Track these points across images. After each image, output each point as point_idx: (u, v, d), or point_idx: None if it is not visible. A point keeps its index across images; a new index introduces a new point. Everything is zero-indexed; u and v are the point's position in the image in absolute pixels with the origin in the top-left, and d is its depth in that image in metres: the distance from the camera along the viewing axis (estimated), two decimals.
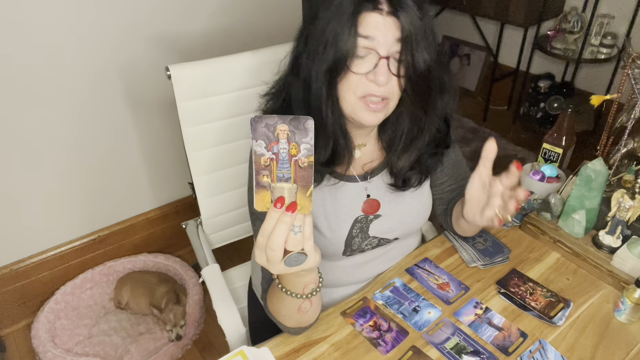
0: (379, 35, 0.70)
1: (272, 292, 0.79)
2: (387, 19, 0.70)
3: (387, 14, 0.69)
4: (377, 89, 0.74)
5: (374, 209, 0.92)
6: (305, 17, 0.76)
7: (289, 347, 0.83)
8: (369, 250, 0.95)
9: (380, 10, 0.69)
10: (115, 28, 1.52)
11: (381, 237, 0.94)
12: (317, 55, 0.73)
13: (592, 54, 2.49)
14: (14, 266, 1.67)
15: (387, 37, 0.71)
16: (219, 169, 1.19)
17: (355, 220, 0.90)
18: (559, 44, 2.57)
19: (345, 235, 0.90)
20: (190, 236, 1.26)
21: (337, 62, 0.72)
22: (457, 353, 0.81)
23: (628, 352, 0.82)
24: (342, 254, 0.93)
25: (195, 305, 1.70)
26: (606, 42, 2.44)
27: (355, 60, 0.73)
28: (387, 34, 0.71)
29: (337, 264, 0.96)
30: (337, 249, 0.91)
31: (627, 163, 1.10)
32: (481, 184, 0.76)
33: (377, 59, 0.72)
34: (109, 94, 1.61)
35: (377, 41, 0.71)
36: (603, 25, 2.43)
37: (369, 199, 0.91)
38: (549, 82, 2.74)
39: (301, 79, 0.77)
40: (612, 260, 0.95)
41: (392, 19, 0.70)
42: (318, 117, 0.77)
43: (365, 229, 0.92)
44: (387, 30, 0.70)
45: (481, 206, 0.76)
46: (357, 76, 0.73)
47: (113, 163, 1.73)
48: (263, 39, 1.84)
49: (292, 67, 0.81)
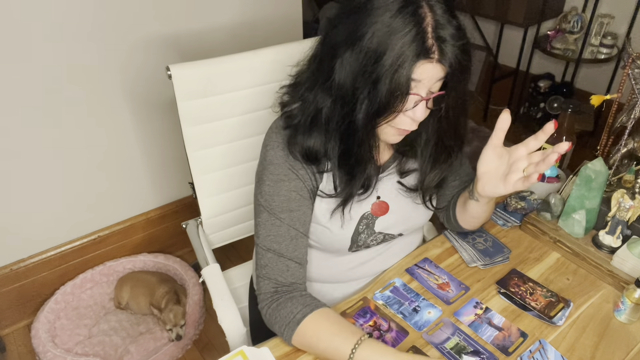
0: (425, 79, 0.72)
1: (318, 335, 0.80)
2: (436, 65, 0.72)
3: (437, 62, 0.71)
4: (412, 124, 0.78)
5: (382, 210, 0.92)
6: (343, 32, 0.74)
7: (289, 347, 0.83)
8: (374, 246, 0.96)
9: (432, 60, 0.70)
10: (115, 28, 1.52)
11: (386, 232, 0.95)
12: (364, 90, 0.73)
13: (592, 54, 2.49)
14: (14, 266, 1.67)
15: (432, 82, 0.73)
16: (219, 168, 1.19)
17: (362, 216, 0.91)
18: (559, 44, 2.57)
19: (352, 232, 0.91)
20: (190, 236, 1.26)
21: (387, 104, 0.73)
22: (457, 353, 0.81)
23: (628, 352, 0.82)
24: (348, 250, 0.93)
25: (195, 305, 1.71)
26: (606, 42, 2.44)
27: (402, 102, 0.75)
28: (432, 78, 0.73)
29: (341, 260, 0.96)
30: (343, 244, 0.92)
31: (627, 163, 1.10)
32: (496, 154, 0.80)
33: (417, 99, 0.74)
34: (109, 93, 1.61)
35: (423, 84, 0.73)
36: (603, 25, 2.43)
37: (379, 200, 0.92)
38: (549, 82, 2.74)
39: (339, 103, 0.77)
40: (612, 260, 0.95)
41: (440, 65, 0.72)
42: (356, 146, 0.79)
43: (371, 225, 0.92)
44: (433, 75, 0.72)
45: (501, 174, 0.80)
46: (397, 113, 0.76)
47: (113, 163, 1.73)
48: (263, 38, 1.84)
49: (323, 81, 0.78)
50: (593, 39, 2.48)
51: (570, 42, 2.54)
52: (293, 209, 0.86)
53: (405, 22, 0.68)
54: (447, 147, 0.88)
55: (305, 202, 0.87)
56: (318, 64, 0.80)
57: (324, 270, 0.98)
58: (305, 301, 0.83)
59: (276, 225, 0.86)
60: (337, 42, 0.74)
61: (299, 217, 0.87)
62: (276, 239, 0.86)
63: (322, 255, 0.96)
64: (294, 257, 0.87)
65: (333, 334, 0.78)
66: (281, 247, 0.86)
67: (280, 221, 0.86)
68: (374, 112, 0.74)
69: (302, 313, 0.81)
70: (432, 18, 0.69)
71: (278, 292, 0.86)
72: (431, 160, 0.90)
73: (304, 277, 0.90)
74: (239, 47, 1.78)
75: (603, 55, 2.46)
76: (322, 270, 0.98)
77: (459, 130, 0.87)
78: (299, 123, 0.83)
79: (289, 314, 0.82)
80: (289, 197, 0.86)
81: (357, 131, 0.77)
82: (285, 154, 0.85)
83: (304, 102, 0.83)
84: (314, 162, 0.85)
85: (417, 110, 0.75)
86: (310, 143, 0.82)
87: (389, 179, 0.93)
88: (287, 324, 0.82)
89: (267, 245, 0.87)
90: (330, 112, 0.79)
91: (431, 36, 0.69)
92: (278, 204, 0.86)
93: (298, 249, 0.87)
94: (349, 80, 0.73)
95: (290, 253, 0.86)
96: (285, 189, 0.86)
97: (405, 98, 0.73)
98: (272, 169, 0.86)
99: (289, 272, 0.86)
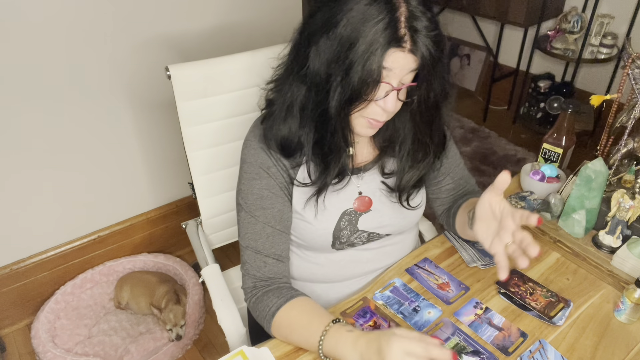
0: (397, 68, 0.72)
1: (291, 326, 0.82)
2: (408, 55, 0.72)
3: (408, 51, 0.72)
4: (382, 114, 0.78)
5: (365, 206, 0.92)
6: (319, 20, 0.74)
7: (289, 346, 0.83)
8: (359, 244, 0.96)
9: (403, 49, 0.71)
10: (116, 28, 1.52)
11: (371, 231, 0.94)
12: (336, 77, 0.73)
13: (592, 54, 2.49)
14: (14, 266, 1.67)
15: (404, 72, 0.74)
16: (219, 169, 1.19)
17: (344, 212, 0.91)
18: (559, 44, 2.56)
19: (333, 227, 0.91)
20: (190, 236, 1.26)
21: (359, 92, 0.73)
22: (457, 353, 0.81)
23: (628, 352, 0.82)
24: (332, 246, 0.93)
25: (195, 305, 1.71)
26: (606, 42, 2.44)
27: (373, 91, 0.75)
28: (404, 68, 0.73)
29: (330, 258, 0.96)
30: (325, 240, 0.92)
31: (627, 163, 1.10)
32: (491, 209, 0.76)
33: (389, 89, 0.74)
34: (109, 94, 1.61)
35: (394, 73, 0.73)
36: (603, 25, 2.43)
37: (361, 196, 0.92)
38: (549, 82, 2.74)
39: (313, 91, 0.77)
40: (612, 260, 0.95)
41: (411, 56, 0.72)
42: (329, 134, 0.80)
43: (354, 222, 0.92)
44: (404, 64, 0.73)
45: (491, 232, 0.76)
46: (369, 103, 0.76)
47: (113, 163, 1.73)
48: (263, 39, 1.84)
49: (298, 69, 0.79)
50: (593, 39, 2.48)
51: (570, 42, 2.54)
52: (266, 207, 0.87)
53: (379, 10, 0.69)
54: (423, 144, 0.88)
55: (279, 200, 0.88)
56: (295, 53, 0.80)
57: (315, 269, 0.98)
58: (280, 293, 0.85)
59: (252, 223, 0.88)
60: (313, 30, 0.75)
61: (273, 215, 0.88)
62: (253, 237, 0.88)
63: (311, 254, 0.96)
64: (271, 254, 0.88)
65: (303, 325, 0.80)
66: (258, 244, 0.88)
67: (256, 219, 0.88)
68: (347, 99, 0.74)
69: (276, 305, 0.83)
70: (406, 8, 0.70)
71: (257, 287, 0.88)
72: (409, 159, 0.90)
73: (285, 272, 0.91)
74: (238, 47, 1.78)
75: (603, 55, 2.46)
76: (314, 270, 0.98)
77: (435, 126, 0.87)
78: (275, 114, 0.84)
79: (265, 307, 0.84)
80: (262, 195, 0.87)
81: (330, 119, 0.77)
82: (256, 152, 0.87)
83: (279, 92, 0.84)
84: (290, 154, 0.86)
85: (388, 101, 0.75)
86: (285, 132, 0.83)
87: (372, 178, 0.93)
88: (264, 317, 0.84)
89: (246, 243, 0.89)
90: (304, 100, 0.80)
91: (404, 25, 0.70)
92: (252, 202, 0.88)
93: (275, 245, 0.89)
94: (323, 67, 0.74)
95: (267, 250, 0.88)
96: (257, 187, 0.87)
97: (376, 86, 0.73)
98: (245, 167, 0.89)
99: (267, 268, 0.88)
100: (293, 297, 0.84)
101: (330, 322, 0.78)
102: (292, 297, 0.84)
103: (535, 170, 1.16)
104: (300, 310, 0.82)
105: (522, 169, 1.20)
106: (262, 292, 0.87)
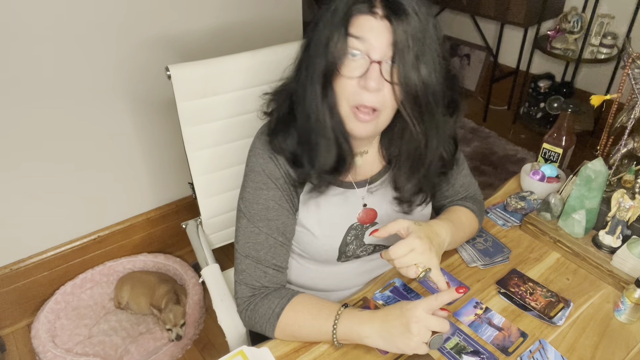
0: (371, 37, 0.68)
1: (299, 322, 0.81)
2: (382, 22, 0.68)
3: (382, 18, 0.68)
4: (369, 97, 0.71)
5: (370, 218, 0.91)
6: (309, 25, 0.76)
7: (289, 347, 0.83)
8: (365, 255, 0.95)
9: (375, 14, 0.68)
10: (115, 28, 1.52)
11: (377, 244, 0.93)
12: (313, 59, 0.73)
13: (592, 54, 2.49)
14: (14, 266, 1.67)
15: (381, 41, 0.69)
16: (219, 169, 1.19)
17: (350, 227, 0.90)
18: (559, 44, 2.57)
19: (339, 242, 0.89)
20: (190, 236, 1.26)
21: (329, 65, 0.71)
22: (457, 353, 0.81)
23: (628, 352, 0.82)
24: (337, 260, 0.92)
25: (195, 305, 1.71)
26: (606, 42, 2.44)
27: (347, 63, 0.71)
28: (380, 37, 0.68)
29: (334, 270, 0.95)
30: (330, 255, 0.90)
31: (627, 163, 1.09)
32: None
33: (368, 63, 0.70)
34: (109, 94, 1.61)
35: (370, 44, 0.69)
36: (603, 25, 2.43)
37: (366, 208, 0.90)
38: (549, 82, 2.74)
39: (301, 84, 0.77)
40: (612, 260, 0.95)
41: (387, 24, 0.68)
42: (316, 120, 0.76)
43: (360, 236, 0.91)
44: (380, 33, 0.68)
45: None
46: (350, 83, 0.72)
47: (113, 163, 1.73)
48: (262, 39, 1.84)
49: (294, 74, 0.81)
50: (593, 39, 2.48)
51: (570, 42, 2.54)
52: (271, 218, 0.85)
53: None
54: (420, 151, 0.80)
55: (284, 212, 0.86)
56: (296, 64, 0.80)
57: (318, 280, 0.97)
58: (280, 294, 0.84)
59: (255, 233, 0.85)
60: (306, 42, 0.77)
61: (277, 227, 0.86)
62: (254, 247, 0.86)
63: (315, 266, 0.95)
64: (272, 265, 0.87)
65: (312, 317, 0.79)
66: (259, 254, 0.86)
67: (259, 229, 0.85)
68: (321, 71, 0.71)
69: (280, 306, 0.82)
70: None
71: (255, 295, 0.86)
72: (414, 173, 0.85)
73: (283, 280, 0.90)
74: (238, 47, 1.78)
75: (603, 55, 2.46)
76: (316, 280, 0.97)
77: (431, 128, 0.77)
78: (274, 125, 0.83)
79: (267, 310, 0.83)
80: (267, 206, 0.85)
81: (312, 101, 0.74)
82: (265, 161, 0.84)
83: (277, 102, 0.84)
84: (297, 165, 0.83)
85: (368, 77, 0.69)
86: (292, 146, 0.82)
87: (379, 192, 0.91)
88: (267, 320, 0.83)
89: (246, 252, 0.86)
90: (297, 95, 0.79)
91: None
92: (257, 211, 0.85)
93: (277, 256, 0.87)
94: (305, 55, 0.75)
95: (269, 260, 0.86)
96: (263, 198, 0.85)
97: (344, 55, 0.69)
98: (252, 176, 0.86)
99: (267, 277, 0.86)
100: (294, 295, 0.83)
101: (341, 307, 0.77)
102: (294, 295, 0.84)
103: (535, 170, 1.16)
104: (305, 304, 0.81)
105: (522, 169, 1.20)
106: (261, 298, 0.85)
